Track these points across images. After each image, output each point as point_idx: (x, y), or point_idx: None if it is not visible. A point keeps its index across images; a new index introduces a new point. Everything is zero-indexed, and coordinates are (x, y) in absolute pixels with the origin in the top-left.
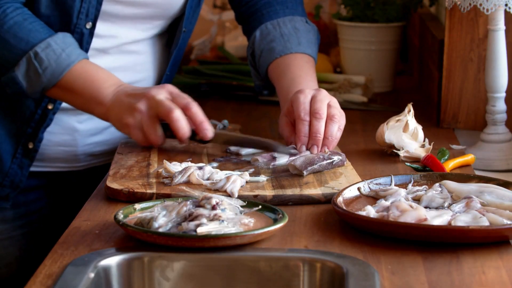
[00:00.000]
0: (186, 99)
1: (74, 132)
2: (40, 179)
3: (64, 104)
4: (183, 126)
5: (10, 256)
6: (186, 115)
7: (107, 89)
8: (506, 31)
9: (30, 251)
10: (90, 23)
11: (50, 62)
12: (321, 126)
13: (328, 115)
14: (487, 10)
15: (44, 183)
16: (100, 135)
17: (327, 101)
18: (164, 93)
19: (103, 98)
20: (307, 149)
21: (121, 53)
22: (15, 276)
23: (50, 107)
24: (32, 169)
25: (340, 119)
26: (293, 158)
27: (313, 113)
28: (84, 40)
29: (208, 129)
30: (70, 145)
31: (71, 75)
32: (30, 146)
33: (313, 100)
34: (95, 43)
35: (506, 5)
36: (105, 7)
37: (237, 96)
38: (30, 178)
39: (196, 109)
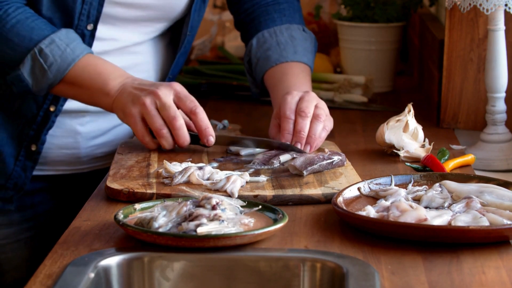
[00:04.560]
0: (193, 102)
1: (76, 134)
2: (45, 182)
3: (66, 107)
4: (184, 135)
5: (19, 259)
6: (191, 119)
7: (114, 81)
8: (506, 31)
9: (38, 253)
10: (92, 25)
11: (55, 57)
12: (305, 124)
13: (314, 114)
14: (487, 10)
15: (49, 186)
16: (102, 137)
17: (315, 103)
18: (172, 95)
19: (110, 89)
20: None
21: (122, 54)
22: (24, 279)
23: (52, 109)
24: (36, 172)
25: (326, 120)
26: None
27: (298, 112)
28: (85, 42)
29: (212, 136)
30: (73, 148)
31: (77, 69)
32: (33, 148)
33: (300, 100)
34: (96, 46)
35: (506, 5)
36: (107, 9)
37: (237, 96)
38: (35, 181)
39: (202, 115)
